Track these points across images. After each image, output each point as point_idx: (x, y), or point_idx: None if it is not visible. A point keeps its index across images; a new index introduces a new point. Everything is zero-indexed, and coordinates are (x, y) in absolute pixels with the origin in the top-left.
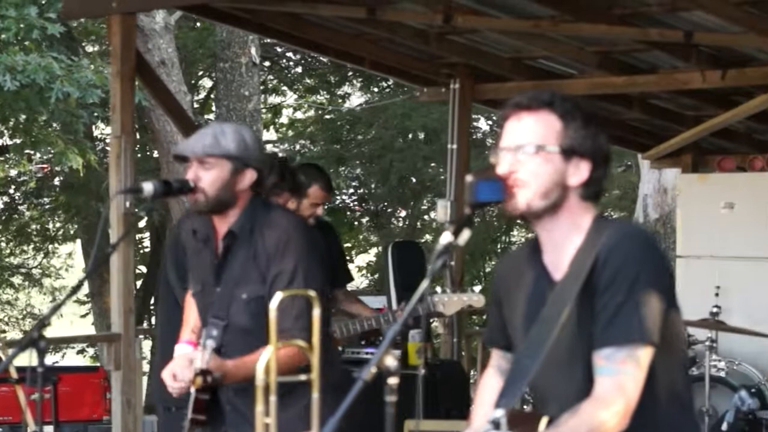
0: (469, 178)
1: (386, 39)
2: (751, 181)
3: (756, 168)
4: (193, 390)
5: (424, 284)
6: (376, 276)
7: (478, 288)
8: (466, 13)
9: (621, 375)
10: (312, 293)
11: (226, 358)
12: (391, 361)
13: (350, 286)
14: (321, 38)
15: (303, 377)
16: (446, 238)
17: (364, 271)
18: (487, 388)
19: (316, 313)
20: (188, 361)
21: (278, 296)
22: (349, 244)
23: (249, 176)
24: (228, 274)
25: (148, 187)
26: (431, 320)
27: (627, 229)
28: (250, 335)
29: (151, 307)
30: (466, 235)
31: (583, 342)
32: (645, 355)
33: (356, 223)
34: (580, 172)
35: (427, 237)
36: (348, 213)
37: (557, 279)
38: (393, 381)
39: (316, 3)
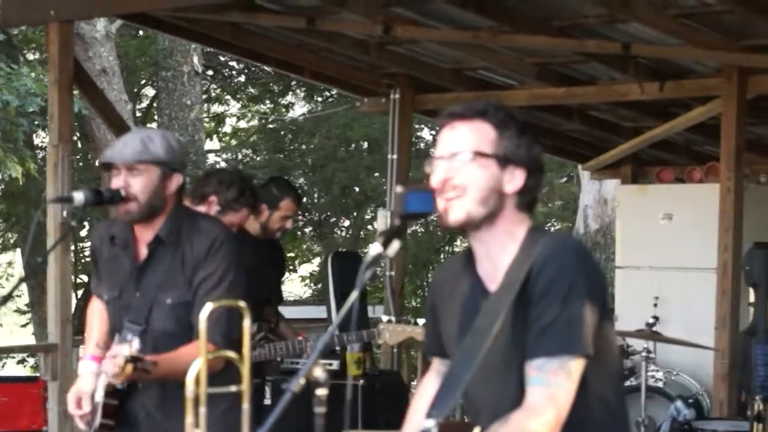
0: (398, 189)
1: (326, 49)
2: (689, 192)
3: (694, 179)
4: (101, 396)
5: (354, 295)
6: (319, 286)
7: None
8: (405, 23)
9: (552, 386)
10: (242, 304)
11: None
12: (319, 373)
13: (294, 295)
14: (261, 48)
15: (233, 388)
16: (376, 249)
17: (307, 281)
18: (424, 394)
19: (246, 323)
20: (94, 381)
21: (208, 306)
22: (292, 254)
23: (176, 180)
24: (150, 279)
25: (78, 196)
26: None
27: (561, 240)
28: (174, 339)
29: None
30: (395, 246)
31: (517, 352)
32: (577, 366)
33: (299, 232)
34: (515, 179)
35: (371, 246)
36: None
37: (492, 290)
38: (322, 392)
39: (256, 13)
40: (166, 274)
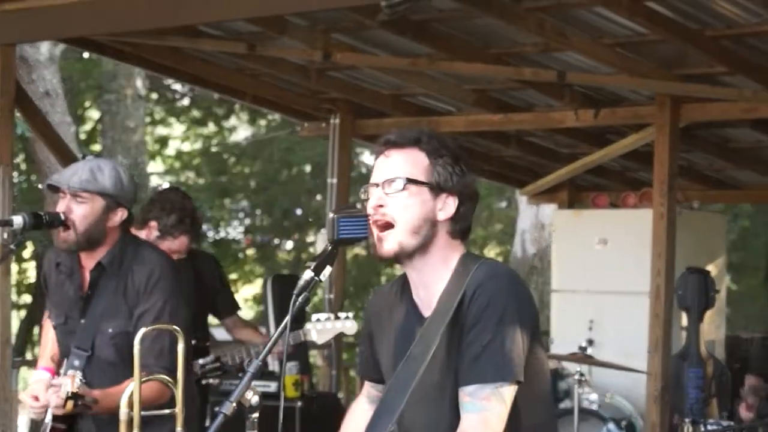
0: (330, 215)
1: (267, 74)
2: (624, 217)
3: (629, 205)
4: (49, 419)
5: (287, 319)
6: (262, 308)
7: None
8: (344, 50)
9: (485, 411)
10: (177, 328)
11: (90, 388)
12: (251, 396)
13: None
14: (203, 72)
15: (167, 411)
16: (308, 275)
17: (250, 303)
18: (354, 417)
19: (181, 347)
20: (47, 386)
21: (142, 332)
22: (234, 276)
23: (120, 215)
24: (94, 307)
25: (17, 219)
26: (310, 352)
27: (493, 267)
28: (115, 368)
29: (36, 337)
30: (327, 271)
31: (451, 378)
32: (509, 391)
33: (242, 255)
34: (447, 207)
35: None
36: (233, 245)
37: (427, 316)
38: (254, 416)
39: (197, 38)
40: (109, 303)
